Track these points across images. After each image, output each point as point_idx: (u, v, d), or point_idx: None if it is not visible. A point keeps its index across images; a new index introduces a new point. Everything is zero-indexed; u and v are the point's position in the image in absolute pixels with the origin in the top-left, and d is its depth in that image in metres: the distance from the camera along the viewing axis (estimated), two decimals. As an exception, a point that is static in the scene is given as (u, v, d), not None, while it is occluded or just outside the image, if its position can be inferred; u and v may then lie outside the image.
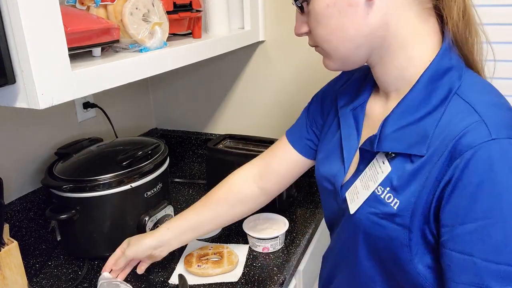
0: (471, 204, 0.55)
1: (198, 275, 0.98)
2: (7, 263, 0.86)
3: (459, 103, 0.59)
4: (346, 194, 0.71)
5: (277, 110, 1.49)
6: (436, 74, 0.62)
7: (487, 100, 0.59)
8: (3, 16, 0.60)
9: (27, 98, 0.64)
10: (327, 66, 0.71)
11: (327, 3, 0.62)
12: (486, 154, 0.54)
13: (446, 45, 0.63)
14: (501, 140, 0.54)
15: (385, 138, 0.64)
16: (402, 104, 0.64)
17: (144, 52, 0.89)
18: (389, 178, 0.63)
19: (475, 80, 0.63)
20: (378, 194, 0.65)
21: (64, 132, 1.28)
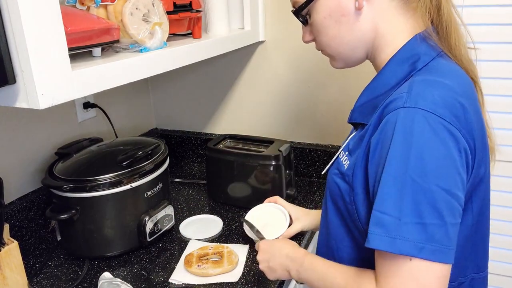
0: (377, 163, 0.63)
1: (198, 275, 0.98)
2: (7, 263, 0.87)
3: (406, 83, 0.66)
4: None
5: (277, 110, 1.49)
6: (401, 58, 0.70)
7: (428, 78, 0.64)
8: (3, 16, 0.60)
9: (27, 98, 0.65)
10: (333, 66, 0.81)
11: (324, 15, 0.73)
12: (392, 120, 0.61)
13: (416, 36, 0.70)
14: (409, 109, 0.60)
15: (354, 111, 0.76)
16: (371, 83, 0.74)
17: (144, 52, 0.89)
18: (348, 144, 0.75)
19: (440, 66, 0.68)
20: (340, 157, 0.76)
21: (64, 132, 1.28)
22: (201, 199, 1.36)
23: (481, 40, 1.19)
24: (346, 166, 0.72)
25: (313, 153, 1.45)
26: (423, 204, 0.58)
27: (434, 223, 0.58)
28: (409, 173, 0.58)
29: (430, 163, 0.58)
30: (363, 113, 0.73)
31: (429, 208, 0.58)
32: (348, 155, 0.73)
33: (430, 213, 0.58)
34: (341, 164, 0.74)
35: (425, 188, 0.58)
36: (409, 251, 0.58)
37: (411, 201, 0.58)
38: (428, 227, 0.58)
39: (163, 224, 1.12)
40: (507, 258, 1.33)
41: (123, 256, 1.08)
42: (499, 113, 1.23)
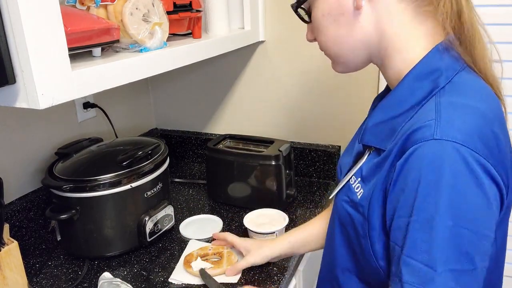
0: (402, 199, 0.56)
1: (198, 275, 0.98)
2: (7, 263, 0.86)
3: (431, 103, 0.59)
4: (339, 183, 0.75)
5: (277, 110, 1.49)
6: (420, 74, 0.62)
7: (457, 101, 0.58)
8: (3, 16, 0.60)
9: (27, 98, 0.64)
10: (334, 69, 0.76)
11: (323, 13, 0.68)
12: (421, 152, 0.54)
13: (437, 46, 0.62)
14: (441, 141, 0.53)
15: (366, 131, 0.68)
16: (385, 101, 0.66)
17: (144, 52, 0.89)
18: (361, 169, 0.67)
19: (466, 83, 0.61)
20: (351, 183, 0.69)
21: (64, 132, 1.28)
22: (201, 199, 1.36)
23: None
24: (359, 195, 0.65)
25: (313, 153, 1.45)
26: (456, 250, 0.53)
27: (466, 269, 0.53)
28: (441, 217, 0.53)
29: (462, 205, 0.53)
30: (378, 136, 0.65)
31: (461, 254, 0.53)
32: (361, 183, 0.66)
33: (462, 258, 0.53)
34: (353, 192, 0.67)
35: (457, 233, 0.53)
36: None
37: (443, 247, 0.53)
38: (460, 273, 0.53)
39: (163, 224, 1.12)
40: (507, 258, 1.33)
41: (123, 256, 1.08)
42: (499, 113, 1.23)
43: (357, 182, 0.67)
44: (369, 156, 0.67)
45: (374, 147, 0.66)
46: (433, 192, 0.53)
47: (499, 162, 0.55)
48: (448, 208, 0.52)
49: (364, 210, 0.64)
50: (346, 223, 0.69)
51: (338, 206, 0.71)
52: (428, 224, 0.53)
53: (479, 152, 0.53)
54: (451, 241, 0.53)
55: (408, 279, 0.54)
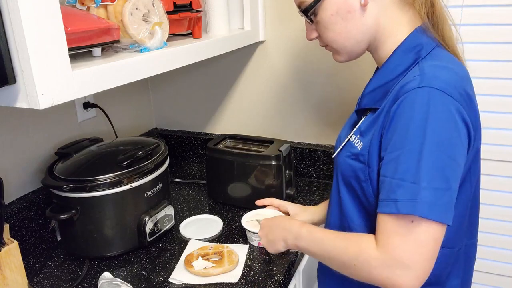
0: (393, 137, 0.69)
1: (199, 274, 0.98)
2: (7, 263, 0.87)
3: (416, 67, 0.73)
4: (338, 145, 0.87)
5: (277, 110, 1.48)
6: (407, 48, 0.76)
7: (435, 64, 0.72)
8: (4, 16, 0.60)
9: (27, 98, 0.65)
10: (337, 60, 0.87)
11: (331, 13, 0.78)
12: (411, 98, 0.68)
13: (417, 28, 0.77)
14: (424, 88, 0.67)
15: (363, 97, 0.81)
16: (379, 71, 0.80)
17: (144, 52, 0.89)
18: (359, 127, 0.80)
19: (441, 54, 0.76)
20: (351, 140, 0.81)
21: (64, 132, 1.28)
22: (201, 199, 1.36)
23: (481, 40, 1.19)
24: (359, 147, 0.77)
25: (313, 153, 1.45)
26: (436, 171, 0.65)
27: (443, 187, 0.65)
28: (427, 144, 0.65)
29: (443, 135, 0.66)
30: (373, 98, 0.78)
31: (440, 175, 0.65)
32: (361, 137, 0.78)
33: (441, 179, 0.65)
34: (353, 147, 0.79)
35: (438, 157, 0.65)
36: (424, 213, 0.64)
37: (427, 168, 0.65)
38: (438, 191, 0.65)
39: (163, 224, 1.12)
40: (507, 258, 1.33)
41: (123, 256, 1.08)
42: (499, 113, 1.23)
43: (357, 138, 0.79)
44: (366, 117, 0.80)
45: (371, 108, 0.78)
46: (420, 126, 0.66)
47: (469, 109, 0.69)
48: (432, 138, 0.65)
49: (364, 158, 0.76)
50: (349, 175, 0.79)
51: (340, 162, 0.83)
52: (416, 151, 0.65)
53: (454, 97, 0.67)
54: (434, 164, 0.65)
55: (399, 196, 0.66)
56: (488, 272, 1.36)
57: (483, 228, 1.30)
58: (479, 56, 1.20)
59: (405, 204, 0.65)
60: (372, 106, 0.78)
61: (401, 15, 0.78)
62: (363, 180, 0.76)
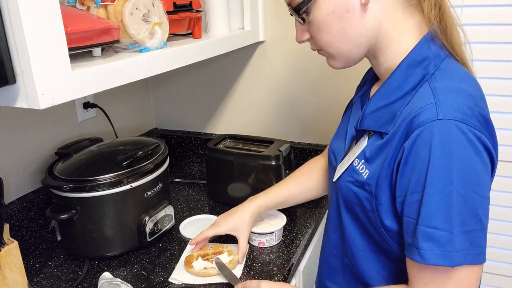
0: (412, 177, 0.63)
1: (199, 275, 0.98)
2: (7, 263, 0.87)
3: (426, 89, 0.66)
4: (337, 166, 0.81)
5: (277, 110, 1.49)
6: (413, 62, 0.69)
7: (449, 85, 0.65)
8: (4, 16, 0.60)
9: (27, 98, 0.65)
10: (332, 66, 0.79)
11: (327, 12, 0.70)
12: (429, 132, 0.61)
13: (426, 37, 0.70)
14: (444, 121, 0.61)
15: (365, 117, 0.74)
16: (382, 88, 0.73)
17: (144, 52, 0.89)
18: (364, 151, 0.73)
19: (451, 69, 0.69)
20: (355, 165, 0.74)
21: (64, 132, 1.28)
22: (201, 199, 1.36)
23: (481, 40, 1.19)
24: (365, 176, 0.71)
25: (313, 153, 1.45)
26: (467, 213, 0.61)
27: (476, 228, 0.61)
28: (454, 186, 0.60)
29: (470, 173, 0.61)
30: (378, 120, 0.71)
31: (472, 216, 0.61)
32: (366, 163, 0.72)
33: (473, 220, 0.61)
34: (358, 173, 0.73)
35: (468, 198, 0.60)
36: (461, 261, 0.60)
37: (458, 212, 0.60)
38: (472, 234, 0.61)
39: (163, 224, 1.12)
40: (507, 258, 1.33)
41: (123, 256, 1.08)
42: (498, 113, 1.23)
43: (361, 163, 0.73)
44: (370, 140, 0.73)
45: (375, 131, 0.72)
46: (444, 165, 0.60)
47: (489, 135, 0.64)
48: (459, 178, 0.60)
49: (371, 188, 0.70)
50: (352, 201, 0.75)
51: (342, 187, 0.77)
52: (442, 194, 0.60)
53: (476, 127, 0.61)
54: (464, 205, 0.60)
55: (425, 246, 0.61)
56: (488, 272, 1.36)
57: (483, 228, 1.30)
58: (479, 56, 1.20)
59: (437, 254, 0.61)
60: (377, 129, 0.71)
61: (406, 19, 0.70)
62: (369, 210, 0.72)
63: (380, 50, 0.73)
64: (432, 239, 0.61)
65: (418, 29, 0.71)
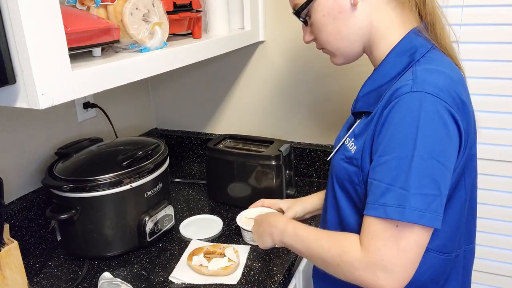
0: (383, 141, 0.69)
1: (193, 269, 0.97)
2: (7, 263, 0.87)
3: (409, 71, 0.72)
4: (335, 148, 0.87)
5: (277, 110, 1.49)
6: (401, 51, 0.76)
7: (429, 67, 0.71)
8: (4, 16, 0.60)
9: (27, 98, 0.65)
10: (335, 62, 0.86)
11: (323, 14, 0.78)
12: (402, 102, 0.67)
13: (412, 30, 0.76)
14: (416, 93, 0.67)
15: (358, 100, 0.81)
16: (373, 74, 0.80)
17: (144, 52, 0.89)
18: (354, 130, 0.80)
19: (435, 57, 0.75)
20: (346, 144, 0.81)
21: (64, 132, 1.28)
22: (201, 199, 1.36)
23: (481, 40, 1.19)
24: (353, 151, 0.77)
25: (313, 153, 1.45)
26: (426, 177, 0.65)
27: (434, 194, 0.65)
28: (417, 150, 0.65)
29: (433, 141, 0.65)
30: (367, 102, 0.78)
31: (430, 181, 0.65)
32: (355, 141, 0.78)
33: (431, 185, 0.65)
34: (347, 150, 0.79)
35: (428, 163, 0.65)
36: (414, 219, 0.64)
37: (417, 174, 0.65)
38: (429, 198, 0.65)
39: (163, 224, 1.12)
40: (507, 258, 1.33)
41: (123, 256, 1.08)
42: (498, 113, 1.23)
43: (351, 141, 0.79)
44: (360, 120, 0.80)
45: (365, 112, 0.78)
46: (409, 132, 0.66)
47: (462, 114, 0.69)
48: (422, 144, 0.65)
49: (357, 162, 0.76)
50: (343, 178, 0.80)
51: (334, 165, 0.83)
52: (407, 157, 0.65)
53: (446, 101, 0.67)
54: (424, 170, 0.65)
55: (388, 201, 0.66)
56: (488, 272, 1.36)
57: (483, 228, 1.30)
58: (479, 56, 1.20)
59: (393, 209, 0.65)
60: (366, 109, 0.78)
61: (394, 15, 0.77)
62: (357, 183, 0.76)
63: (373, 45, 0.80)
64: (393, 196, 0.65)
65: (407, 24, 0.77)
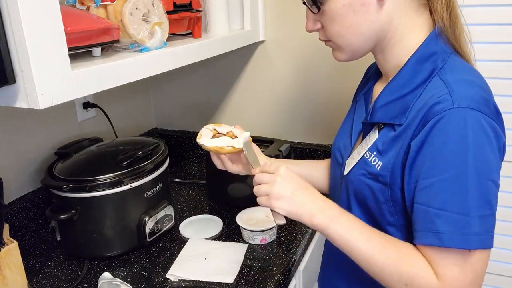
0: (430, 163, 0.65)
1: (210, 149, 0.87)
2: (7, 263, 0.86)
3: (437, 81, 0.68)
4: (346, 161, 0.81)
5: (277, 110, 1.49)
6: (421, 57, 0.71)
7: (459, 78, 0.68)
8: (3, 16, 0.60)
9: (27, 98, 0.64)
10: (338, 58, 0.79)
11: (343, 3, 0.71)
12: (445, 120, 0.63)
13: (432, 34, 0.72)
14: (459, 109, 0.63)
15: (376, 111, 0.75)
16: (392, 82, 0.74)
17: (144, 52, 0.89)
18: (376, 144, 0.74)
19: (457, 64, 0.71)
20: (366, 158, 0.75)
21: (64, 132, 1.28)
22: (201, 199, 1.36)
23: (481, 40, 1.19)
24: (378, 167, 0.72)
25: (313, 153, 1.45)
26: (481, 198, 0.63)
27: (489, 214, 0.63)
28: (470, 171, 0.62)
29: (484, 160, 0.63)
30: (390, 113, 0.72)
31: (485, 201, 0.63)
32: (378, 156, 0.73)
33: (486, 205, 0.63)
34: (370, 165, 0.74)
35: (482, 183, 0.63)
36: (477, 245, 0.62)
37: (474, 197, 0.62)
38: (486, 219, 0.63)
39: (163, 224, 1.12)
40: (507, 258, 1.33)
41: (123, 256, 1.08)
42: (499, 113, 1.23)
43: (373, 156, 0.74)
44: (381, 133, 0.74)
45: (386, 123, 0.73)
46: (460, 151, 0.62)
47: (501, 124, 0.67)
48: (474, 164, 0.62)
49: (385, 179, 0.71)
50: (365, 194, 0.75)
51: (353, 180, 0.77)
52: (460, 179, 0.62)
53: (489, 115, 0.64)
54: (478, 191, 0.62)
55: (444, 229, 0.62)
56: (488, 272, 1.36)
57: (483, 228, 1.30)
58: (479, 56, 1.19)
59: (455, 238, 0.62)
60: (389, 121, 0.72)
61: (417, 17, 0.72)
62: (383, 201, 0.72)
63: (388, 46, 0.74)
64: (450, 223, 0.62)
65: (426, 27, 0.73)
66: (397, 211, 0.72)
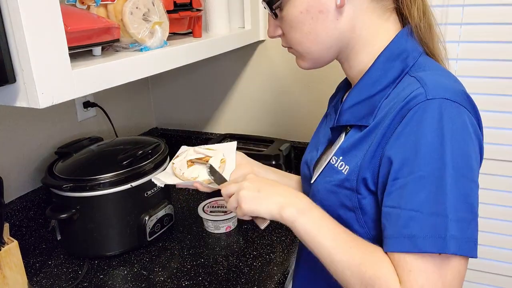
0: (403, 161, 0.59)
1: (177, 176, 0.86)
2: (7, 263, 0.86)
3: (408, 79, 0.65)
4: (314, 169, 0.77)
5: (277, 109, 1.48)
6: (391, 55, 0.68)
7: (432, 74, 0.64)
8: (4, 15, 0.60)
9: (27, 97, 0.64)
10: (300, 65, 0.77)
11: (300, 10, 0.68)
12: (420, 113, 0.58)
13: (402, 32, 0.68)
14: (434, 100, 0.58)
15: (343, 113, 0.71)
16: (360, 83, 0.70)
17: (145, 51, 0.89)
18: (341, 147, 0.70)
19: (429, 63, 0.67)
20: (332, 163, 0.71)
21: (64, 131, 1.28)
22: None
23: (481, 40, 1.19)
24: (345, 172, 0.67)
25: (313, 152, 1.45)
26: (460, 199, 0.56)
27: (468, 218, 0.56)
28: (447, 170, 0.56)
29: (462, 156, 0.57)
30: (357, 114, 0.68)
31: (465, 203, 0.56)
32: (345, 160, 0.68)
33: (466, 207, 0.56)
34: (337, 171, 0.69)
35: (460, 183, 0.56)
36: (455, 250, 0.55)
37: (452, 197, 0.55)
38: (464, 223, 0.56)
39: (163, 224, 1.12)
40: (507, 258, 1.33)
41: (123, 256, 1.08)
42: (499, 113, 1.23)
43: (339, 161, 0.69)
44: (347, 135, 0.70)
45: (352, 126, 0.69)
46: (436, 148, 0.56)
47: (477, 118, 0.62)
48: (452, 160, 0.56)
49: (351, 184, 0.66)
50: (335, 206, 0.69)
51: (319, 191, 0.72)
52: (435, 178, 0.56)
53: (466, 107, 0.59)
54: (458, 191, 0.56)
55: (420, 233, 0.56)
56: (488, 272, 1.36)
57: (483, 228, 1.30)
58: (479, 56, 1.20)
59: (428, 241, 0.55)
60: (356, 122, 0.68)
61: (382, 22, 0.69)
62: (350, 208, 0.67)
63: (352, 53, 0.71)
64: (425, 226, 0.56)
65: (393, 31, 0.69)
66: (367, 221, 0.66)
